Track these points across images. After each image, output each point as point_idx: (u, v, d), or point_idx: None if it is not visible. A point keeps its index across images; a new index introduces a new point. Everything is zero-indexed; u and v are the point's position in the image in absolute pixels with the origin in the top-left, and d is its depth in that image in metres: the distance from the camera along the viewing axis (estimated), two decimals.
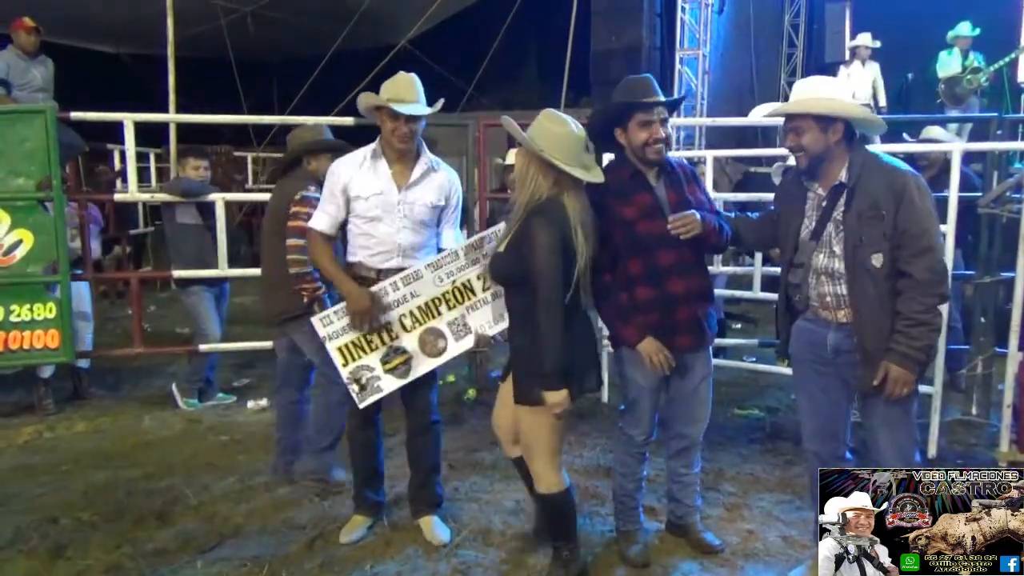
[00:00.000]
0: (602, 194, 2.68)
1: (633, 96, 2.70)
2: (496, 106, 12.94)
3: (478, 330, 3.04)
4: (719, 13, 9.53)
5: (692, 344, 2.79)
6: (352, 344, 2.98)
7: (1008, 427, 3.89)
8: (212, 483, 3.71)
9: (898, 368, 2.40)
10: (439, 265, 3.00)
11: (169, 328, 6.98)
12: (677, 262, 2.71)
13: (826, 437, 2.69)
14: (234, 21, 11.14)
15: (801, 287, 2.61)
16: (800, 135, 2.49)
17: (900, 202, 2.39)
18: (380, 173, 2.94)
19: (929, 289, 2.38)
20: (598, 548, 3.09)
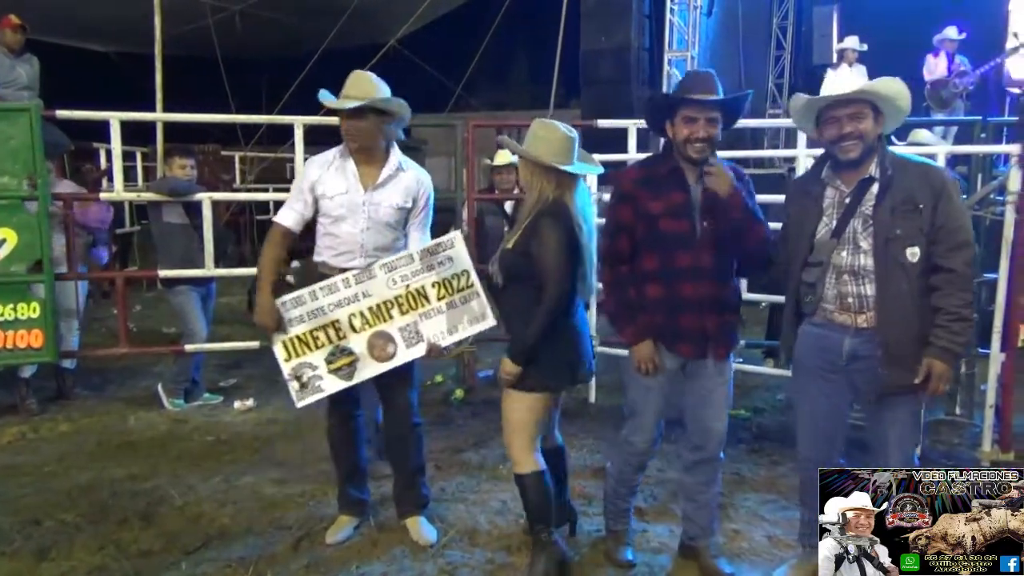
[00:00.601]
0: (636, 184, 2.70)
1: (683, 91, 2.65)
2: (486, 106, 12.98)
3: (431, 339, 2.98)
4: (707, 15, 9.58)
5: (693, 352, 2.67)
6: (298, 339, 2.93)
7: (991, 427, 3.93)
8: (198, 484, 3.69)
9: (941, 363, 2.38)
10: (394, 267, 2.97)
11: (155, 328, 6.94)
12: (693, 265, 2.61)
13: (824, 444, 2.66)
14: (222, 19, 11.09)
15: (816, 287, 2.54)
16: (861, 121, 2.43)
17: (939, 197, 2.38)
18: (347, 173, 2.94)
19: (967, 283, 2.39)
20: (585, 548, 3.09)
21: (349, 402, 3.12)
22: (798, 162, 4.54)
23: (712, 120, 2.58)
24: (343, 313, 2.94)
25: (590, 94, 9.57)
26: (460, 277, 3.00)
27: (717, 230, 2.62)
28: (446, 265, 2.99)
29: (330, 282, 2.93)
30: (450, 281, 3.00)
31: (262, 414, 4.72)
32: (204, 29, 10.71)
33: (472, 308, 3.01)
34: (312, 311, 2.93)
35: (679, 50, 9.41)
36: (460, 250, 3.01)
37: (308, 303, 2.93)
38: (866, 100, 2.44)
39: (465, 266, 3.01)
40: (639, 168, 2.82)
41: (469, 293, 3.01)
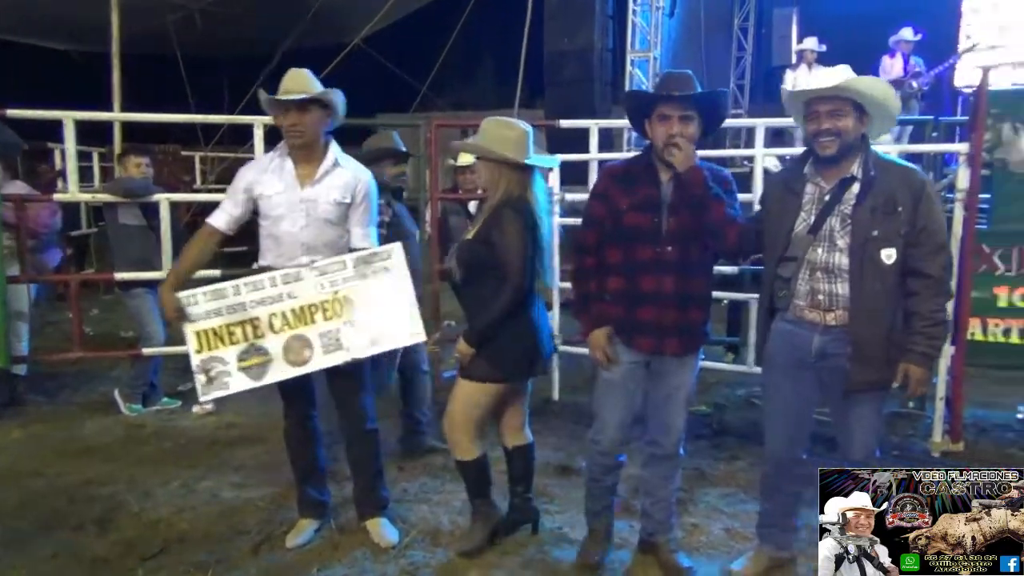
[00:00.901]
0: (611, 181, 2.75)
1: (658, 89, 2.68)
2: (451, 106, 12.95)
3: (349, 349, 2.88)
4: (669, 16, 9.66)
5: (651, 347, 2.69)
6: (213, 332, 2.84)
7: (941, 418, 4.03)
8: (155, 489, 3.63)
9: (918, 368, 2.42)
10: (324, 271, 2.88)
11: (112, 332, 6.80)
12: (654, 259, 2.63)
13: (791, 440, 2.70)
14: (182, 18, 10.92)
15: (791, 282, 2.55)
16: (839, 118, 2.43)
17: (919, 200, 2.40)
18: (285, 172, 2.91)
19: (943, 287, 2.42)
20: (547, 545, 3.10)
21: (305, 404, 3.09)
22: (756, 161, 4.61)
23: (686, 118, 2.57)
24: (264, 312, 2.85)
25: (554, 94, 9.59)
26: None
27: (684, 225, 2.63)
28: (380, 275, 2.90)
29: (256, 279, 2.86)
30: (381, 290, 2.91)
31: (221, 418, 4.66)
32: (164, 27, 10.54)
33: (400, 322, 2.92)
34: (232, 306, 2.84)
35: (642, 51, 9.47)
36: (397, 260, 2.91)
37: (229, 297, 2.84)
38: (847, 98, 2.43)
39: (400, 278, 2.92)
40: (618, 165, 2.86)
41: (400, 306, 2.92)
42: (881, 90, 2.45)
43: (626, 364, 2.74)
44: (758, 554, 2.89)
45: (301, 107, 2.84)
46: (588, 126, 4.90)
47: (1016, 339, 4.09)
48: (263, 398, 3.61)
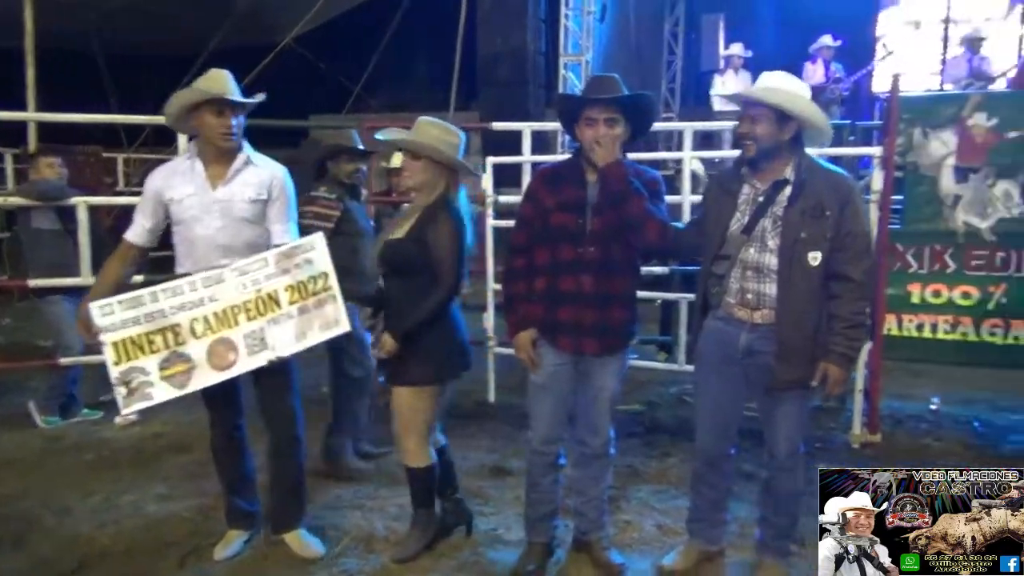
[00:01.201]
0: (540, 182, 2.79)
1: (585, 93, 2.70)
2: (386, 108, 12.81)
3: (274, 347, 2.78)
4: (600, 20, 9.79)
5: (571, 346, 2.71)
6: (131, 341, 2.71)
7: (860, 411, 4.20)
8: (75, 504, 3.49)
9: (837, 368, 2.50)
10: (245, 271, 2.78)
11: (28, 341, 6.50)
12: (576, 260, 2.65)
13: (720, 435, 2.76)
14: (103, 14, 10.52)
15: (723, 280, 2.61)
16: (755, 124, 2.50)
17: (846, 205, 2.46)
18: (195, 174, 2.83)
19: (864, 292, 2.50)
20: (481, 547, 3.10)
21: (232, 413, 3.00)
22: (684, 163, 4.72)
23: (611, 120, 2.60)
24: (185, 317, 2.74)
25: (488, 96, 9.63)
26: (317, 280, 2.81)
27: (607, 225, 2.65)
28: (303, 268, 2.81)
29: (175, 284, 2.75)
30: (305, 284, 2.80)
31: (147, 428, 4.50)
32: (83, 23, 10.14)
33: (326, 313, 2.82)
34: (150, 313, 2.72)
35: (574, 54, 9.58)
36: (320, 252, 2.82)
37: (147, 305, 2.72)
38: (765, 105, 2.48)
39: (324, 268, 2.82)
40: (549, 167, 2.89)
41: (325, 297, 2.82)
42: (791, 100, 2.47)
43: (552, 365, 2.76)
44: (688, 548, 2.95)
45: (235, 109, 2.78)
46: (521, 128, 4.93)
47: (929, 334, 4.30)
48: (189, 406, 3.49)
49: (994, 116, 4.13)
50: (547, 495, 2.90)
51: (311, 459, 3.89)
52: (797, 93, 2.51)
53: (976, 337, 4.20)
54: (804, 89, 2.56)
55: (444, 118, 2.98)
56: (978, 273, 4.16)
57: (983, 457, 4.08)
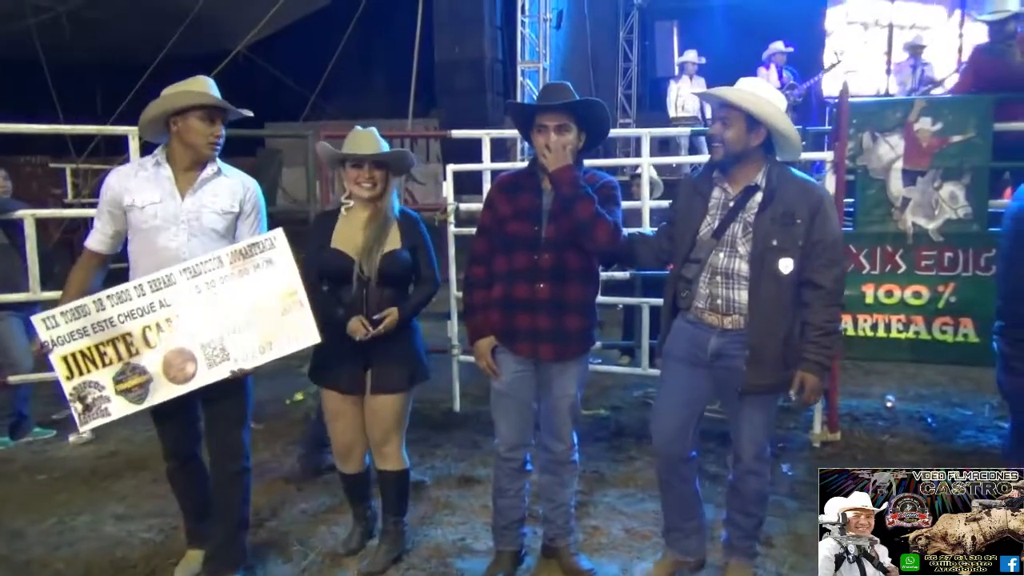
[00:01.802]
0: (497, 190, 2.81)
1: (537, 100, 2.71)
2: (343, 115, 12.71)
3: (237, 359, 2.60)
4: (556, 28, 9.86)
5: (528, 352, 2.72)
6: (81, 354, 2.53)
7: (820, 410, 4.28)
8: (26, 528, 3.37)
9: (813, 376, 2.50)
10: (197, 271, 2.57)
11: None
12: (530, 267, 2.66)
13: (676, 435, 2.72)
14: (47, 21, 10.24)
15: (692, 284, 2.60)
16: (726, 127, 2.50)
17: (816, 212, 2.46)
18: (161, 180, 2.64)
19: (835, 299, 2.49)
20: (450, 557, 3.08)
21: (187, 442, 2.84)
22: (643, 169, 4.77)
23: (561, 127, 2.61)
24: (136, 325, 2.54)
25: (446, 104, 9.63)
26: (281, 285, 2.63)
27: (562, 232, 2.66)
28: (263, 269, 2.60)
29: (119, 289, 2.54)
30: (267, 289, 2.61)
31: (102, 447, 4.38)
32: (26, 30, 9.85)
33: (292, 322, 2.62)
34: (97, 323, 2.53)
35: (531, 61, 9.63)
36: (282, 250, 2.61)
37: (92, 314, 2.53)
38: (738, 109, 2.48)
39: (286, 272, 2.61)
40: (507, 175, 2.91)
41: (289, 304, 2.62)
42: (761, 106, 2.46)
43: (512, 372, 2.76)
44: (664, 559, 2.92)
45: (223, 117, 2.68)
46: (480, 136, 4.93)
47: (883, 333, 4.40)
48: (147, 422, 3.40)
49: (938, 121, 4.26)
50: (514, 502, 2.89)
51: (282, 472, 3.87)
52: (770, 101, 2.51)
53: (928, 335, 4.31)
54: (780, 100, 2.56)
55: (403, 125, 2.99)
56: (928, 273, 4.28)
57: (937, 452, 4.19)
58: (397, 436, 2.91)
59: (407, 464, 2.99)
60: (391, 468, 2.95)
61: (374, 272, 2.75)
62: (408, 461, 3.00)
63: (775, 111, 2.50)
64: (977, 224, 4.20)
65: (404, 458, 2.97)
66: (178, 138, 2.64)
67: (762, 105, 2.47)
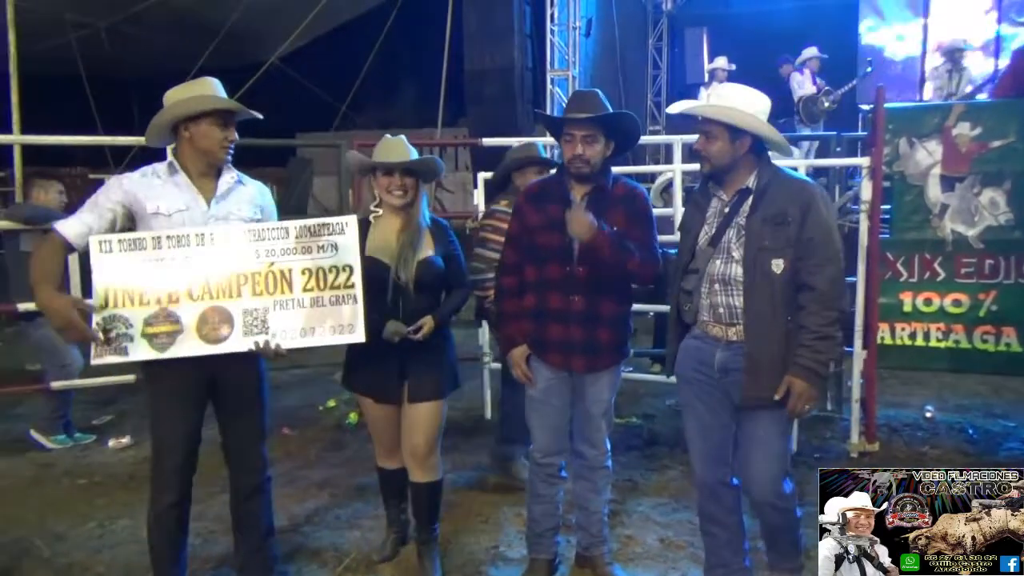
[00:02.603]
0: (526, 199, 2.81)
1: (566, 110, 2.72)
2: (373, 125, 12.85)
3: (275, 334, 2.51)
4: (586, 35, 9.86)
5: (561, 363, 2.72)
6: (122, 289, 2.43)
7: (858, 420, 4.21)
8: (68, 531, 3.43)
9: (802, 382, 2.35)
10: (261, 235, 2.50)
11: (15, 366, 6.40)
12: (563, 278, 2.66)
13: (713, 461, 2.59)
14: (86, 36, 10.50)
15: (693, 295, 2.53)
16: (709, 142, 2.44)
17: (807, 211, 2.37)
18: (182, 187, 2.55)
19: (830, 302, 2.37)
20: (484, 565, 3.08)
21: (188, 472, 2.59)
22: (675, 176, 4.75)
23: (588, 138, 2.61)
24: (185, 275, 2.46)
25: (476, 113, 9.66)
26: (340, 272, 2.56)
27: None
28: (327, 252, 2.55)
29: (180, 233, 2.46)
30: (326, 272, 2.54)
31: (140, 451, 4.44)
32: (66, 46, 10.10)
33: (341, 313, 2.55)
34: (149, 260, 2.43)
35: (561, 69, 9.63)
36: (350, 238, 2.57)
37: (148, 249, 2.43)
38: (714, 121, 2.42)
39: (349, 260, 2.56)
40: (535, 184, 2.91)
41: (344, 295, 2.55)
42: (736, 116, 2.39)
43: (547, 379, 2.77)
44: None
45: (235, 121, 2.62)
46: (510, 144, 4.94)
47: (921, 341, 4.33)
48: None
49: (978, 126, 4.19)
50: (549, 508, 2.89)
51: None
52: (747, 109, 2.42)
53: (968, 344, 4.23)
54: (759, 101, 2.46)
55: (432, 135, 3.02)
56: (968, 281, 4.21)
57: (979, 464, 4.08)
58: (434, 444, 2.90)
59: (441, 474, 2.97)
60: (427, 480, 2.91)
61: (411, 279, 2.76)
62: (442, 472, 2.98)
63: (753, 120, 2.42)
64: (1019, 231, 4.12)
65: (439, 469, 2.95)
66: (190, 144, 2.54)
67: (741, 117, 2.40)
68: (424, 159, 2.85)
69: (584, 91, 2.79)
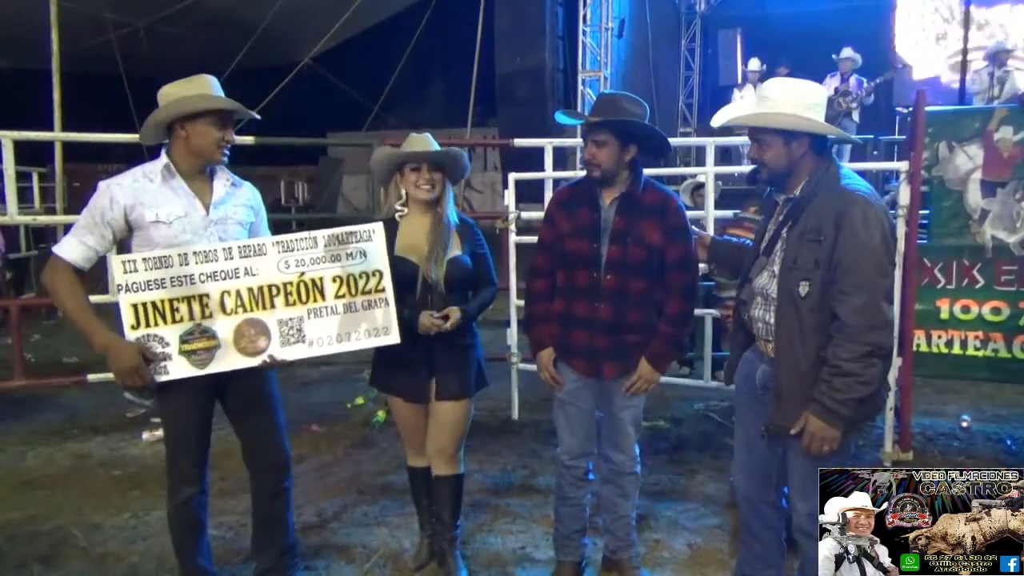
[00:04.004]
0: (556, 204, 2.81)
1: (590, 112, 2.71)
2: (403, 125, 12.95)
3: (313, 343, 2.54)
4: (618, 36, 9.83)
5: (587, 370, 2.71)
6: (153, 306, 2.39)
7: (891, 429, 4.14)
8: (104, 521, 3.50)
9: (817, 421, 2.16)
10: (290, 247, 2.51)
11: (55, 358, 6.55)
12: (591, 285, 2.64)
13: (756, 476, 2.51)
14: (126, 36, 10.71)
15: (747, 305, 2.41)
16: (763, 147, 2.27)
17: (840, 229, 2.13)
18: (179, 192, 2.48)
19: (857, 335, 2.11)
20: (510, 566, 3.09)
21: (204, 465, 2.62)
22: (708, 178, 4.71)
23: (599, 143, 2.59)
24: (216, 288, 2.44)
25: (507, 114, 9.70)
26: (370, 277, 2.57)
27: (625, 256, 2.63)
28: (356, 259, 2.57)
29: (208, 248, 2.44)
30: (356, 279, 2.57)
31: None
32: (106, 45, 10.32)
33: (375, 317, 2.58)
34: (177, 278, 2.41)
35: (592, 70, 9.63)
36: (378, 245, 2.58)
37: (174, 267, 2.40)
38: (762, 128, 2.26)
39: (379, 266, 2.58)
40: (566, 189, 2.88)
41: (376, 299, 2.58)
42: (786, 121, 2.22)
43: (574, 382, 2.76)
44: None
45: (233, 121, 2.56)
46: (542, 145, 4.95)
47: (958, 350, 4.24)
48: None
49: (1020, 130, 4.10)
50: (576, 511, 2.88)
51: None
52: (799, 106, 2.22)
53: (1007, 353, 4.13)
54: (811, 93, 2.26)
55: (461, 135, 3.01)
56: (1008, 288, 4.11)
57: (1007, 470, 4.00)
58: (459, 441, 2.91)
59: (463, 469, 2.98)
60: (448, 472, 2.92)
61: (441, 277, 2.76)
62: (464, 467, 2.99)
63: (807, 122, 2.22)
64: None
65: (461, 463, 2.96)
66: (185, 143, 2.46)
67: (794, 121, 2.21)
68: (450, 150, 2.81)
69: (606, 94, 2.78)
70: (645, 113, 2.66)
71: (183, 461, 2.57)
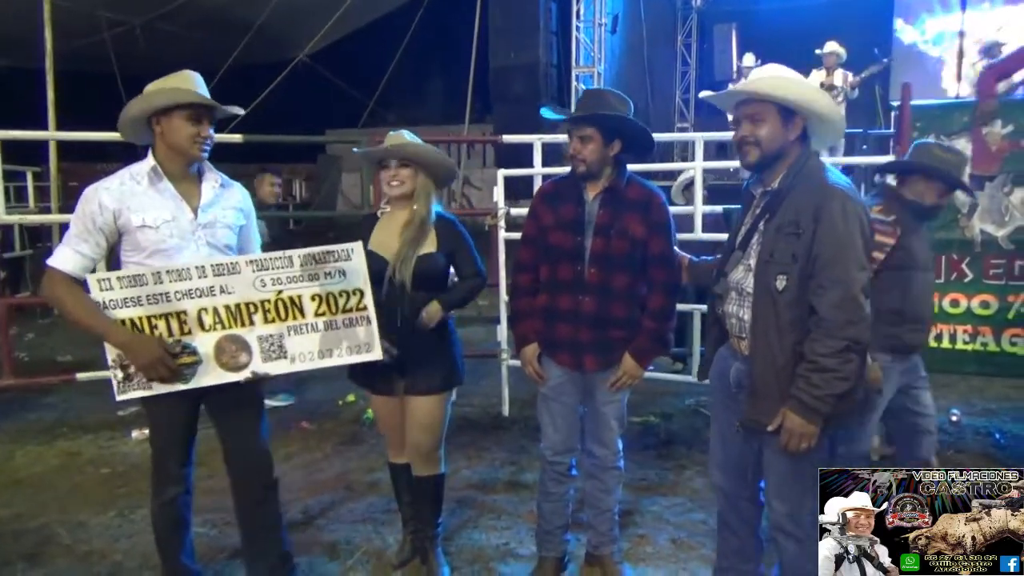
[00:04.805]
0: (540, 199, 2.81)
1: (575, 108, 2.72)
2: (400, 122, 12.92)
3: (294, 359, 2.54)
4: (611, 32, 9.81)
5: (571, 363, 2.71)
6: (132, 324, 2.39)
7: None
8: (89, 520, 3.51)
9: (795, 417, 2.13)
10: (264, 265, 2.49)
11: (48, 357, 6.56)
12: (575, 279, 2.65)
13: (731, 472, 2.49)
14: (120, 34, 10.70)
15: (721, 299, 2.39)
16: (757, 124, 2.18)
17: (819, 221, 2.09)
18: (166, 195, 2.43)
19: (834, 329, 2.08)
20: (493, 562, 3.09)
21: (188, 464, 2.61)
22: (696, 173, 4.70)
23: (583, 138, 2.59)
24: (192, 305, 2.43)
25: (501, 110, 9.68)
26: (351, 296, 2.56)
27: (608, 249, 2.63)
28: (335, 278, 2.54)
29: (181, 266, 2.42)
30: (336, 297, 2.55)
31: None
32: (101, 43, 10.31)
33: (356, 335, 2.58)
34: (152, 295, 2.40)
35: (586, 66, 9.61)
36: (357, 264, 2.56)
37: (148, 285, 2.39)
38: (768, 102, 2.17)
39: (359, 284, 2.56)
40: (551, 183, 2.89)
41: (357, 317, 2.57)
42: (796, 90, 2.16)
43: (558, 377, 2.76)
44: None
45: (211, 116, 2.50)
46: (532, 141, 4.93)
47: (947, 344, 4.23)
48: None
49: (1009, 123, 4.08)
50: (558, 507, 2.88)
51: None
52: (802, 82, 2.19)
53: (996, 347, 4.12)
54: (807, 82, 2.25)
55: (459, 131, 2.99)
56: (997, 282, 4.10)
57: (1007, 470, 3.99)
58: (434, 439, 2.87)
59: (443, 469, 2.95)
60: (427, 473, 2.91)
61: (408, 277, 2.70)
62: (445, 467, 2.96)
63: (812, 92, 2.19)
64: None
65: (441, 463, 2.94)
66: (162, 139, 2.43)
67: (798, 89, 2.15)
68: (418, 146, 2.76)
69: (592, 90, 2.79)
70: (630, 109, 2.65)
71: (168, 461, 2.56)
